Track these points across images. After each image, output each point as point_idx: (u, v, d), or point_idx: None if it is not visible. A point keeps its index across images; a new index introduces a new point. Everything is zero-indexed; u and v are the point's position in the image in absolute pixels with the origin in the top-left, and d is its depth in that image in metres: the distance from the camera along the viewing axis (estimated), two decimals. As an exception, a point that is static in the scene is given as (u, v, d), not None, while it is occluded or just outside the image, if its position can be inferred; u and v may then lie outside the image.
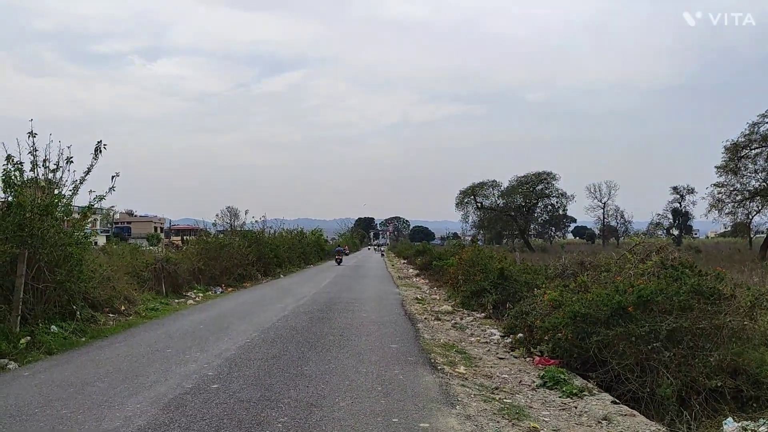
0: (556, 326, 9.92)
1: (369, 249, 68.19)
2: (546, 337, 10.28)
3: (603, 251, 28.62)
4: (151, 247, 35.08)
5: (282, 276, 32.48)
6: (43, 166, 12.50)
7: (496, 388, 8.05)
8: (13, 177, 11.82)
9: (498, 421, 6.40)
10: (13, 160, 11.98)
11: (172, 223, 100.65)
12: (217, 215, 35.96)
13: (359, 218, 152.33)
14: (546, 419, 6.71)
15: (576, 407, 7.32)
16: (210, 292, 21.91)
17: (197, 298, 20.07)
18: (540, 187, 78.16)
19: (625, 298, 9.26)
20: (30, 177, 12.24)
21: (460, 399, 7.18)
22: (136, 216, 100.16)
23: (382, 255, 67.10)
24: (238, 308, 16.77)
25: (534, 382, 8.53)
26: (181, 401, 6.89)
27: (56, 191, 12.72)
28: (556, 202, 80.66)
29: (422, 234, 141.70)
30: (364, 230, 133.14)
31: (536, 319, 10.73)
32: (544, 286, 13.10)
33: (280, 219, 44.57)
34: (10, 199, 11.85)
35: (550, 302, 11.05)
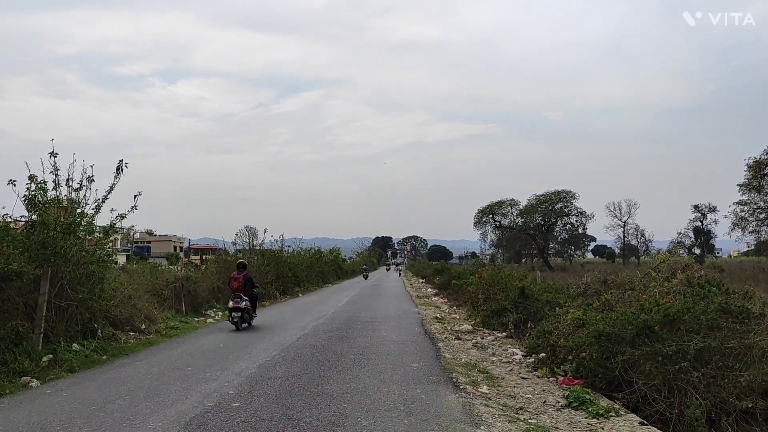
0: (580, 345, 9.76)
1: (388, 269, 67.72)
2: (570, 357, 10.12)
3: (624, 270, 28.24)
4: (170, 266, 35.29)
5: (300, 295, 32.45)
6: (66, 185, 12.65)
7: (521, 408, 7.91)
8: (37, 196, 11.96)
9: (523, 443, 6.27)
10: (36, 180, 12.13)
11: (191, 243, 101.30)
12: (236, 234, 36.14)
13: (377, 237, 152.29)
14: (572, 441, 6.56)
15: (603, 428, 7.16)
16: (229, 311, 21.88)
17: (217, 317, 20.08)
18: (559, 205, 77.69)
19: (651, 316, 9.10)
20: (53, 196, 12.38)
21: (484, 419, 7.05)
22: (155, 236, 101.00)
23: (400, 274, 66.76)
24: (257, 327, 16.73)
25: (559, 402, 8.36)
26: (202, 419, 6.84)
27: (79, 210, 12.85)
28: (576, 221, 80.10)
29: (440, 253, 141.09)
30: (381, 249, 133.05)
31: (559, 338, 10.57)
32: (566, 305, 12.93)
33: (299, 238, 44.71)
34: (33, 217, 11.97)
35: (573, 321, 10.90)
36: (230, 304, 16.03)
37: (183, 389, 8.51)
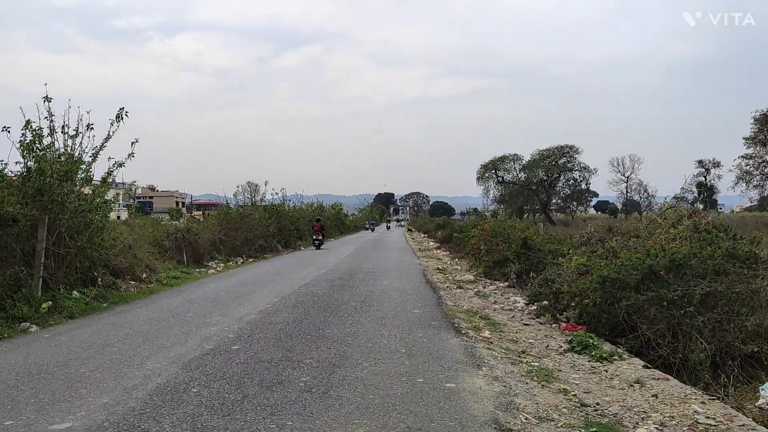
0: (584, 292, 9.65)
1: (388, 227, 64.41)
2: (573, 303, 10.01)
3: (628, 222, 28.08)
4: (172, 221, 35.22)
5: (302, 248, 32.44)
6: (61, 132, 12.38)
7: (523, 352, 7.83)
8: (34, 141, 11.70)
9: (527, 383, 6.18)
10: (32, 126, 11.87)
11: (193, 199, 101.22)
12: (237, 187, 35.80)
13: (379, 194, 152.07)
14: (576, 382, 6.47)
15: (606, 371, 7.07)
16: (231, 263, 21.90)
17: (218, 268, 20.06)
18: (562, 160, 77.16)
19: (656, 261, 8.95)
20: (48, 143, 12.12)
21: (486, 361, 6.97)
22: (157, 191, 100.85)
23: (404, 229, 67.00)
24: (259, 277, 16.70)
25: (561, 347, 8.28)
26: (201, 361, 6.77)
27: (75, 157, 12.61)
28: (579, 176, 79.64)
29: (442, 209, 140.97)
30: (384, 206, 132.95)
31: (562, 285, 10.45)
32: (569, 253, 12.78)
33: (300, 194, 44.46)
34: (29, 164, 11.75)
35: (577, 268, 10.77)
36: (315, 236, 31.46)
37: (182, 333, 8.44)
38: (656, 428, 5.04)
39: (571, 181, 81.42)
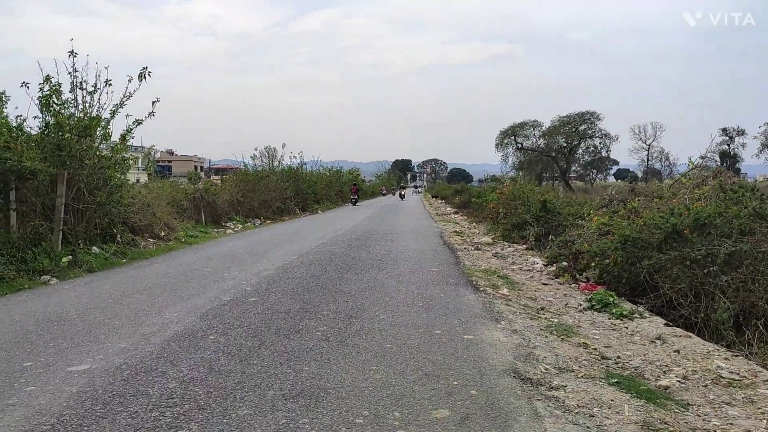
0: (604, 251, 9.50)
1: (402, 196, 60.60)
2: (593, 264, 9.89)
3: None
4: (191, 185, 35.32)
5: (320, 211, 32.45)
6: (80, 88, 12.32)
7: (542, 309, 7.74)
8: (52, 96, 11.67)
9: (546, 336, 6.10)
10: (51, 81, 11.82)
11: (211, 163, 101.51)
12: (255, 149, 35.77)
13: (396, 160, 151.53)
14: (596, 337, 6.39)
15: (627, 328, 6.97)
16: (249, 224, 21.96)
17: (236, 229, 20.12)
18: (583, 127, 75.93)
19: (680, 220, 8.76)
20: (67, 98, 12.09)
21: (504, 316, 6.89)
22: (176, 155, 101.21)
23: (419, 193, 66.54)
24: (277, 237, 16.73)
25: (581, 305, 8.17)
26: (218, 311, 6.77)
27: (94, 114, 12.57)
28: (599, 143, 78.41)
29: (460, 176, 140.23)
30: (400, 172, 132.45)
31: (582, 245, 10.30)
32: (590, 214, 12.59)
33: (317, 159, 44.21)
34: (48, 119, 11.74)
35: (598, 229, 10.61)
36: (353, 196, 38.32)
37: (200, 286, 8.46)
38: (678, 381, 4.95)
39: (592, 148, 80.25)
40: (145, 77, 13.00)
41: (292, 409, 3.86)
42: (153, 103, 13.45)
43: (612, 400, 4.26)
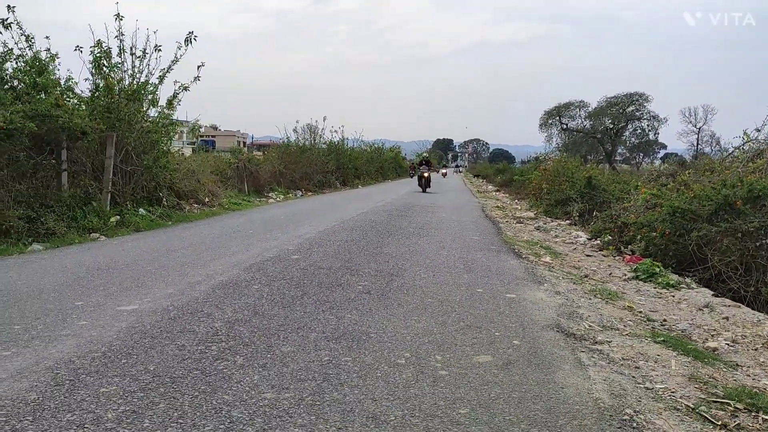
0: (652, 223, 9.29)
1: (444, 173, 57.38)
2: (638, 236, 9.68)
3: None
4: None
5: (360, 186, 32.53)
6: (130, 53, 12.52)
7: (585, 276, 7.62)
8: (101, 59, 11.90)
9: (590, 299, 6.01)
10: (102, 45, 12.04)
11: (254, 139, 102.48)
12: (297, 122, 35.85)
13: (437, 140, 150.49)
14: (641, 302, 6.26)
15: (673, 296, 6.80)
16: (290, 195, 22.15)
17: (278, 199, 20.33)
18: (630, 108, 73.89)
19: (733, 192, 8.50)
20: (117, 62, 12.30)
21: (547, 279, 6.81)
22: (220, 131, 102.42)
23: (460, 173, 65.85)
24: (318, 206, 16.85)
25: (626, 275, 8.01)
26: (261, 266, 6.85)
27: (143, 79, 12.78)
28: (647, 126, 76.28)
29: (502, 157, 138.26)
30: (442, 151, 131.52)
31: (629, 216, 10.09)
32: (638, 187, 12.30)
33: (358, 137, 44.09)
34: (98, 82, 11.98)
35: (645, 201, 10.37)
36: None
37: (244, 245, 8.57)
38: (727, 344, 4.82)
39: (639, 130, 78.14)
40: (191, 41, 13.13)
41: (334, 349, 3.89)
42: (198, 67, 13.60)
43: (658, 355, 4.17)
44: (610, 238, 10.82)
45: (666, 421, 3.03)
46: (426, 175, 26.26)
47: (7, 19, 10.65)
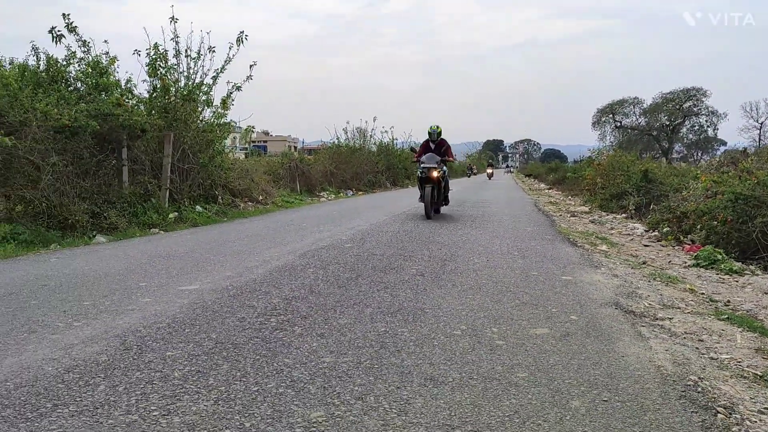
0: (712, 210, 9.01)
1: (490, 173, 53.88)
2: (698, 225, 9.40)
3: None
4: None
5: (411, 186, 32.53)
6: (186, 55, 12.87)
7: (644, 263, 7.43)
8: (158, 60, 12.28)
9: (649, 282, 5.87)
10: (158, 48, 12.42)
11: (304, 143, 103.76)
12: (347, 122, 36.08)
13: (487, 140, 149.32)
14: (703, 286, 6.08)
15: (737, 282, 6.58)
16: (341, 194, 22.36)
17: (329, 198, 20.54)
18: (688, 104, 71.67)
19: (800, 176, 8.18)
20: (173, 63, 12.67)
21: (604, 264, 6.69)
22: (271, 136, 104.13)
23: (510, 173, 64.84)
24: (370, 203, 16.96)
25: (686, 262, 7.79)
26: (316, 253, 6.95)
27: (198, 80, 13.11)
28: (706, 122, 73.84)
29: (554, 157, 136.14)
30: (492, 152, 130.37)
31: (689, 203, 9.80)
32: (698, 176, 11.94)
33: (407, 138, 44.04)
34: (155, 83, 12.36)
35: (705, 188, 10.06)
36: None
37: (298, 236, 8.71)
38: (797, 324, 4.63)
39: (697, 126, 75.68)
40: (242, 41, 13.39)
41: (390, 322, 3.93)
42: (250, 66, 13.82)
43: (722, 330, 4.05)
44: (669, 228, 10.53)
45: (732, 387, 2.94)
46: (434, 175, 11.48)
47: (63, 26, 11.02)
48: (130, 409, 2.50)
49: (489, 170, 54.70)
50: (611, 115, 75.67)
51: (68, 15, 11.14)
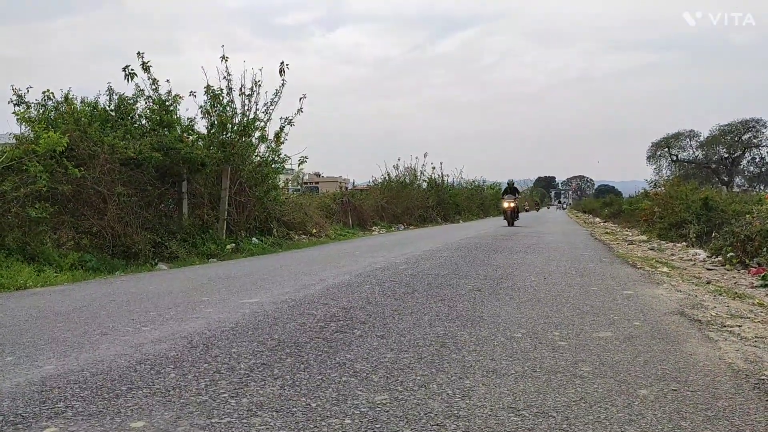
0: (781, 230, 8.70)
1: (527, 209, 52.69)
2: (765, 247, 9.07)
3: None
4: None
5: (462, 221, 32.46)
6: (241, 93, 13.30)
7: (708, 282, 7.21)
8: (215, 101, 12.74)
9: (715, 296, 5.69)
10: (211, 90, 12.84)
11: (355, 184, 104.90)
12: (398, 159, 36.50)
13: (539, 177, 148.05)
14: (773, 302, 5.84)
15: (810, 300, 6.30)
16: (393, 228, 22.47)
17: (381, 232, 20.67)
18: (747, 135, 69.60)
19: None
20: (227, 101, 13.08)
21: (666, 281, 6.52)
22: (323, 177, 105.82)
23: (563, 209, 63.86)
24: (423, 234, 17.02)
25: (752, 283, 7.50)
26: (371, 273, 7.01)
27: (251, 116, 13.50)
28: (767, 153, 71.47)
29: (608, 193, 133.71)
30: (544, 189, 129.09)
31: (754, 225, 9.48)
32: (762, 200, 11.56)
33: (459, 173, 44.17)
34: (213, 120, 12.80)
35: (771, 210, 9.73)
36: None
37: (353, 261, 8.80)
38: None
39: (758, 158, 73.28)
40: (284, 71, 13.71)
41: (449, 326, 3.93)
42: (300, 99, 14.09)
43: (797, 335, 3.89)
44: (733, 252, 10.19)
45: (811, 382, 2.82)
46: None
47: (139, 64, 11.58)
48: (200, 392, 2.58)
49: (506, 204, 42.29)
50: (667, 149, 74.03)
51: (143, 54, 11.68)
